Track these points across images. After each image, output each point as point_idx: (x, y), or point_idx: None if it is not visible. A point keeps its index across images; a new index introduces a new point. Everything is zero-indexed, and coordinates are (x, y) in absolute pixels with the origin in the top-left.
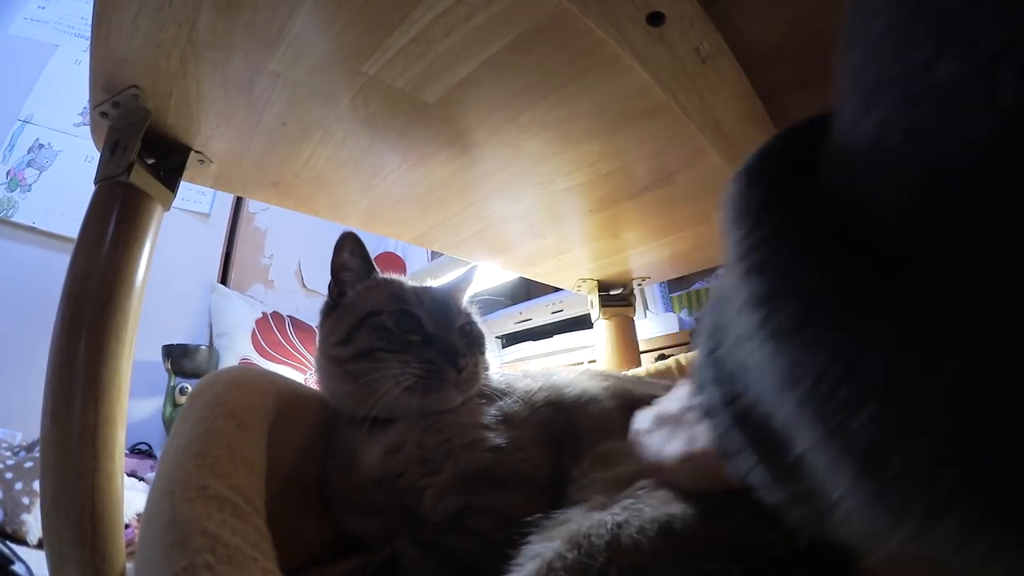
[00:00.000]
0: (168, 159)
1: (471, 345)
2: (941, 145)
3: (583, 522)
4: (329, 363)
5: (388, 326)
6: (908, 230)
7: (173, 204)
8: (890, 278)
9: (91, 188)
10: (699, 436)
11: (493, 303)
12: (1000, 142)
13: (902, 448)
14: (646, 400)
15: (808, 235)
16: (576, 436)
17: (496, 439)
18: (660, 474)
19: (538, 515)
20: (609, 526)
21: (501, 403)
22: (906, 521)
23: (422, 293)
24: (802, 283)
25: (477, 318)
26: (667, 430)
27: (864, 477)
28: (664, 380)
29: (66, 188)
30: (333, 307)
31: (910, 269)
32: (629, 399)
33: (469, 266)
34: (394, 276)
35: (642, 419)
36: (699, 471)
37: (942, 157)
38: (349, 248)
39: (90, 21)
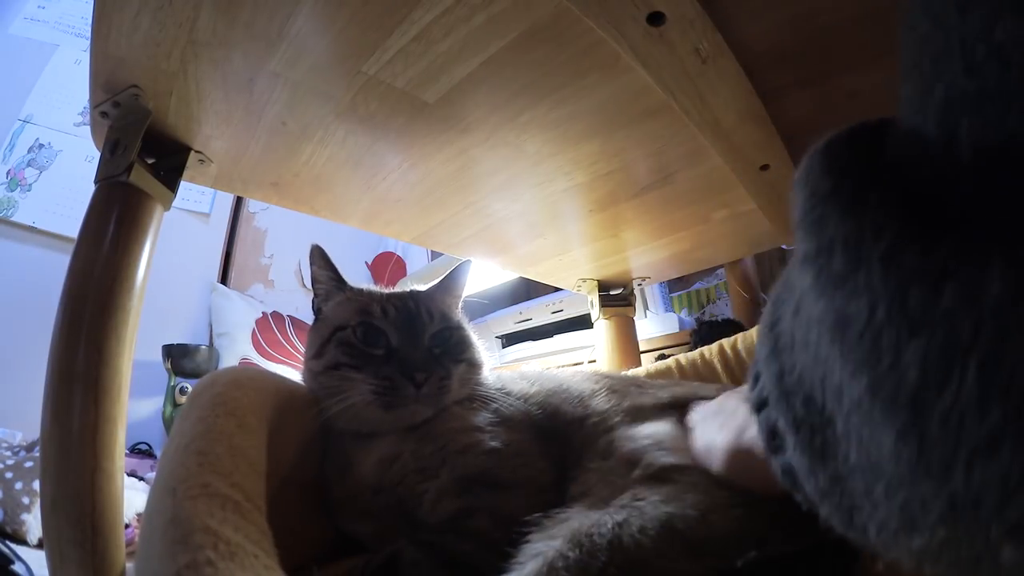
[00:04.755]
0: (168, 159)
1: (444, 355)
2: (1002, 112)
3: (584, 521)
4: (309, 375)
5: (352, 341)
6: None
7: (173, 204)
8: (943, 228)
9: (91, 188)
10: (749, 427)
11: (480, 306)
12: None
13: (949, 381)
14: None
15: (863, 191)
16: (568, 437)
17: (492, 442)
18: (708, 464)
19: (538, 515)
20: (610, 525)
21: (497, 405)
22: (952, 472)
23: (392, 304)
24: (854, 231)
25: (463, 321)
26: (719, 420)
27: (909, 428)
28: (661, 381)
29: (66, 188)
30: (316, 319)
31: (964, 218)
32: (627, 400)
33: (459, 263)
34: (370, 287)
35: (698, 411)
36: (743, 464)
37: (1002, 126)
38: (316, 262)
39: (90, 21)
